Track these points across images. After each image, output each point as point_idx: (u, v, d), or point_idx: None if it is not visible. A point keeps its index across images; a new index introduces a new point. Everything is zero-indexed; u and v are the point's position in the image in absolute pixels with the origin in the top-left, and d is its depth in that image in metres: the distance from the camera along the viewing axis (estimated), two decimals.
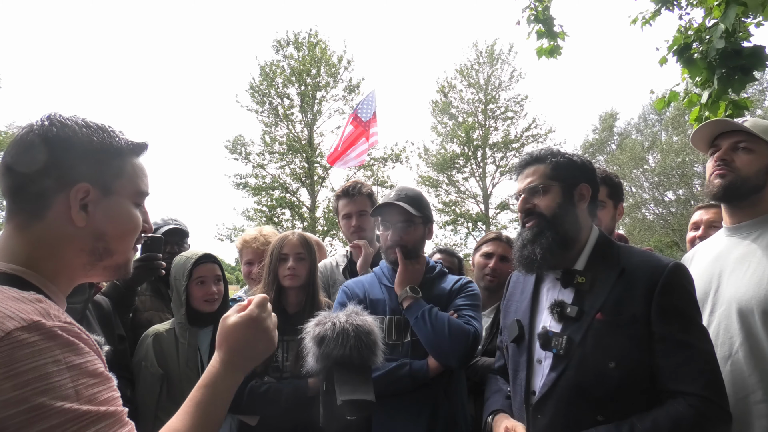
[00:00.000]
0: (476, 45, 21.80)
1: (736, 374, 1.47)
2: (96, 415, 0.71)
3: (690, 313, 1.34)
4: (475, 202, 21.65)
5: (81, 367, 0.71)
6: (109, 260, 0.90)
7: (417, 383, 1.81)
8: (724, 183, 1.61)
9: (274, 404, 1.95)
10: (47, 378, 0.67)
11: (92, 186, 0.86)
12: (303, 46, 18.45)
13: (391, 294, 1.96)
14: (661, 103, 3.99)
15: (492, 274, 2.54)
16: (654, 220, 22.37)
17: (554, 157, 1.55)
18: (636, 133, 25.03)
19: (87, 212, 0.86)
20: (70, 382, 0.69)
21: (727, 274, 1.57)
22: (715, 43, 3.16)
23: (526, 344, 1.51)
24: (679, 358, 1.28)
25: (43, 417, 0.66)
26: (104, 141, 0.89)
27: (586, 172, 1.55)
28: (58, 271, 0.86)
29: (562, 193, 1.51)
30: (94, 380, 0.73)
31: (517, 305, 1.64)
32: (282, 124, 18.63)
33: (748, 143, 1.61)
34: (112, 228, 0.89)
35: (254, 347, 0.99)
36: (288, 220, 18.47)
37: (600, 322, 1.35)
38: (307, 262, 2.17)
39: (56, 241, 0.85)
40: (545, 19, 4.35)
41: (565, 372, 1.36)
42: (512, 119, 21.17)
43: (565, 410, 1.35)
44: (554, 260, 1.47)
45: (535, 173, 1.54)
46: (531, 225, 1.52)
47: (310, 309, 2.09)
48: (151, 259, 2.31)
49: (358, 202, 2.58)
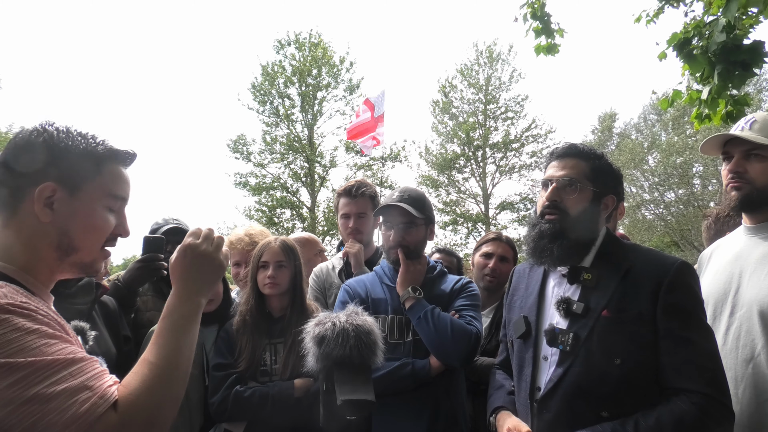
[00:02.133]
0: (476, 45, 21.83)
1: (758, 377, 1.44)
2: (65, 361, 0.80)
3: (694, 312, 1.34)
4: (475, 202, 21.66)
5: (40, 332, 0.81)
6: (74, 256, 0.97)
7: (419, 382, 1.82)
8: (740, 196, 1.58)
9: (260, 408, 1.93)
10: (10, 343, 0.76)
11: (59, 185, 0.94)
12: (304, 47, 18.47)
13: (393, 293, 1.97)
14: (666, 103, 3.99)
15: (491, 275, 2.56)
16: (654, 220, 22.36)
17: (597, 159, 1.50)
18: (636, 134, 25.00)
19: (52, 209, 0.94)
20: (33, 343, 0.78)
21: (747, 275, 1.54)
22: (716, 37, 3.14)
23: (533, 340, 1.50)
24: (683, 356, 1.28)
25: (10, 372, 0.74)
26: (78, 145, 0.97)
27: (617, 184, 1.53)
28: (34, 264, 0.95)
29: (592, 198, 1.48)
30: (56, 340, 0.82)
31: (523, 300, 1.63)
32: (282, 124, 18.64)
33: (760, 150, 1.56)
34: (75, 225, 0.96)
35: (199, 273, 1.03)
36: (288, 220, 18.47)
37: (606, 318, 1.35)
38: (288, 268, 2.14)
39: (30, 235, 0.94)
40: (542, 17, 4.35)
41: (570, 368, 1.36)
42: (512, 119, 21.16)
43: (570, 406, 1.35)
44: (570, 261, 1.47)
45: (575, 168, 1.49)
46: (553, 219, 1.48)
47: (298, 313, 2.10)
48: (153, 260, 2.31)
49: (359, 203, 2.53)
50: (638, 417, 1.27)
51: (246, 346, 2.06)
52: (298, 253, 2.22)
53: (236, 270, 2.70)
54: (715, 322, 1.61)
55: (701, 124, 3.78)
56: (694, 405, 1.23)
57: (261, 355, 2.06)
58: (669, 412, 1.25)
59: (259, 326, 2.10)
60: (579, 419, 1.33)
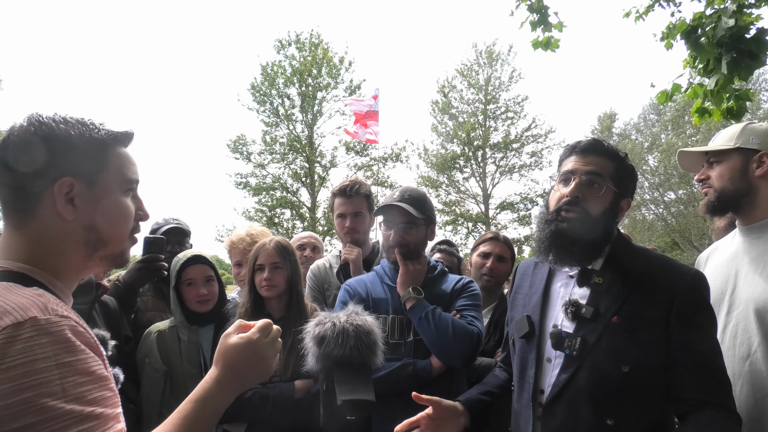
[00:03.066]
0: (476, 45, 21.86)
1: (754, 374, 1.45)
2: (80, 415, 0.71)
3: (708, 324, 1.33)
4: (475, 203, 21.67)
5: (71, 365, 0.72)
6: (104, 250, 0.93)
7: (420, 383, 1.80)
8: (706, 201, 1.70)
9: (260, 410, 1.92)
10: (34, 374, 0.68)
11: (75, 179, 0.88)
12: (305, 47, 18.47)
13: (393, 293, 1.96)
14: (664, 96, 3.89)
15: (489, 274, 2.56)
16: (654, 221, 22.36)
17: (622, 161, 1.45)
18: (636, 134, 25.00)
19: (74, 205, 0.88)
20: (57, 379, 0.70)
21: (743, 274, 1.56)
22: (724, 23, 3.11)
23: (536, 341, 1.47)
24: (696, 367, 1.26)
25: (25, 413, 0.67)
26: (83, 134, 0.91)
27: (633, 189, 1.51)
28: (61, 267, 0.89)
29: (612, 200, 1.42)
30: (84, 378, 0.73)
31: (526, 299, 1.58)
32: (282, 124, 18.65)
33: (715, 156, 1.67)
34: (101, 218, 0.91)
35: (249, 370, 0.99)
36: (288, 220, 18.49)
37: (616, 325, 1.32)
38: (284, 270, 2.13)
39: (53, 237, 0.87)
40: (539, 8, 4.24)
41: (576, 373, 1.33)
42: (512, 119, 21.19)
43: (575, 412, 1.33)
44: (584, 263, 1.42)
45: (601, 165, 1.42)
46: (572, 218, 1.41)
47: (295, 314, 2.09)
48: (153, 260, 2.31)
49: (354, 202, 2.52)
50: None
51: None
52: (294, 253, 2.21)
53: (237, 270, 2.71)
54: None
55: (701, 119, 3.72)
56: (727, 419, 1.23)
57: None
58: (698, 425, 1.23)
59: None
60: (583, 426, 1.31)
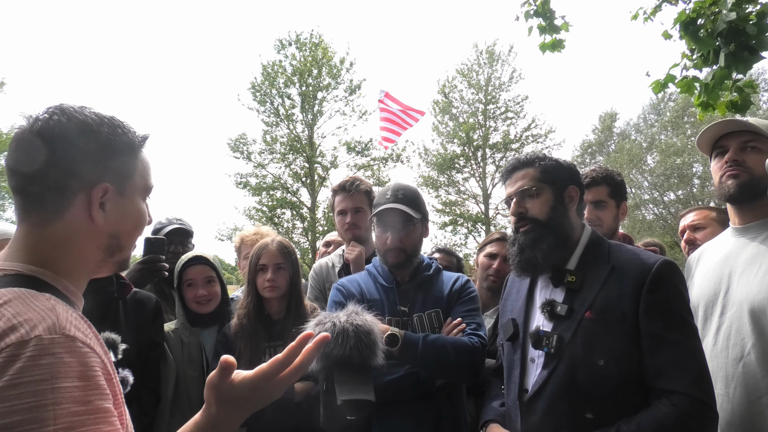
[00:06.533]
0: (476, 46, 21.80)
1: (748, 376, 1.45)
2: None
3: (678, 311, 1.34)
4: (475, 203, 21.64)
5: (68, 392, 0.68)
6: (118, 255, 0.91)
7: (422, 392, 1.80)
8: (738, 183, 1.59)
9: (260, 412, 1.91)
10: (27, 397, 0.65)
11: (111, 185, 0.86)
12: (305, 47, 18.45)
13: (389, 294, 1.93)
14: (658, 86, 3.86)
15: (495, 275, 2.53)
16: (654, 221, 22.34)
17: (542, 161, 1.56)
18: (636, 134, 24.99)
19: (105, 210, 0.85)
20: (50, 405, 0.66)
21: (737, 275, 1.55)
22: (724, 16, 3.06)
23: (521, 343, 1.53)
24: (666, 356, 1.28)
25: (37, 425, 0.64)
26: (122, 139, 0.88)
27: (573, 175, 1.58)
28: (75, 268, 0.86)
29: (554, 196, 1.53)
30: (80, 408, 0.69)
31: (513, 304, 1.65)
32: (283, 124, 18.63)
33: (756, 143, 1.59)
34: (124, 226, 0.90)
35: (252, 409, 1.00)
36: (288, 220, 18.47)
37: (589, 320, 1.36)
38: (286, 270, 2.12)
39: (75, 239, 0.84)
40: (545, 13, 4.21)
41: (555, 370, 1.37)
42: (512, 120, 21.13)
43: (556, 408, 1.36)
44: (555, 262, 1.48)
45: (525, 177, 1.55)
46: (526, 230, 1.53)
47: (295, 315, 2.08)
48: (154, 261, 2.32)
49: (355, 198, 2.51)
50: (620, 424, 1.27)
51: (245, 349, 2.06)
52: (295, 252, 2.22)
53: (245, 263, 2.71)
54: (706, 323, 1.62)
55: (705, 112, 3.66)
56: (675, 407, 1.23)
57: (260, 359, 2.07)
58: (650, 416, 1.25)
59: (258, 329, 2.09)
60: (564, 420, 1.34)
